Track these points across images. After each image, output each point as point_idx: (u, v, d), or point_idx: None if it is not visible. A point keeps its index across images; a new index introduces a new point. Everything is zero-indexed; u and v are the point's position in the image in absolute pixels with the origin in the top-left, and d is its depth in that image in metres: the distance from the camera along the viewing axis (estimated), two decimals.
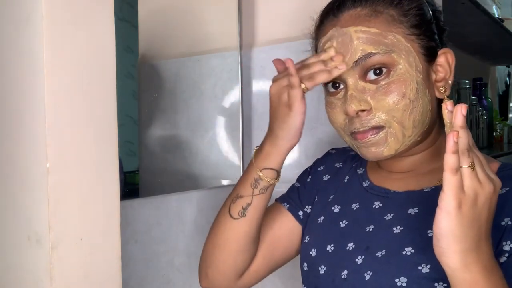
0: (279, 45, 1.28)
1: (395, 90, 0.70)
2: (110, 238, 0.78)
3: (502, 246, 0.63)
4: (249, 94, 1.33)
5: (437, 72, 0.74)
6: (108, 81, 0.77)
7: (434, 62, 0.75)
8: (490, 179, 0.57)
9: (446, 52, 0.75)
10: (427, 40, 0.74)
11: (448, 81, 0.74)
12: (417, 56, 0.72)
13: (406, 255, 0.68)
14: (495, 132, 2.62)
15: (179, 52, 1.28)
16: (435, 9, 0.77)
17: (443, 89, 0.73)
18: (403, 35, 0.72)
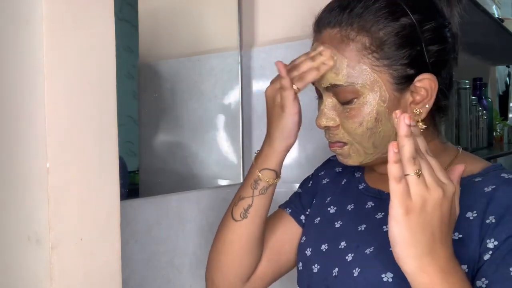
0: (279, 45, 1.28)
1: (354, 117, 0.73)
2: (110, 238, 0.78)
3: (486, 244, 0.64)
4: (249, 94, 1.33)
5: (415, 94, 0.73)
6: (108, 81, 0.77)
7: (411, 85, 0.73)
8: (440, 184, 0.58)
9: (427, 78, 0.72)
10: (403, 68, 0.71)
11: (426, 105, 0.72)
12: (384, 86, 0.72)
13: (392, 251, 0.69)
14: (495, 132, 2.62)
15: (179, 52, 1.28)
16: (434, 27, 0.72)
17: (417, 111, 0.72)
18: (371, 66, 0.71)
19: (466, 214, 0.67)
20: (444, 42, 0.74)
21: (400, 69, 0.72)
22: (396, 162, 0.57)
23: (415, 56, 0.72)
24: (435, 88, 0.72)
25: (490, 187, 0.68)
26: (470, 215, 0.67)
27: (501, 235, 0.64)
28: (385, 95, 0.72)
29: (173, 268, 1.15)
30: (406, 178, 0.57)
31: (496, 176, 0.70)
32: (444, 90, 0.76)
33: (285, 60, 1.29)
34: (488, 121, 2.32)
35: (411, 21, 0.71)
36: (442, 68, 0.74)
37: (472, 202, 0.68)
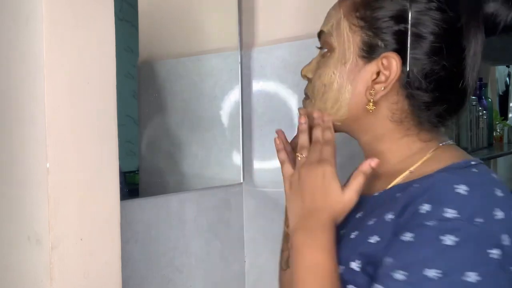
0: (279, 45, 1.28)
1: (320, 70, 0.75)
2: (110, 238, 0.78)
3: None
4: (249, 94, 1.33)
5: (380, 73, 0.70)
6: (108, 81, 0.77)
7: (377, 61, 0.70)
8: (315, 165, 0.71)
9: (390, 57, 0.69)
10: (372, 35, 0.70)
11: (382, 87, 0.70)
12: (352, 47, 0.71)
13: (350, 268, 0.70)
14: (495, 132, 2.62)
15: (179, 52, 1.28)
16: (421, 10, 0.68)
17: (373, 91, 0.70)
18: (349, 24, 0.72)
19: (388, 214, 0.66)
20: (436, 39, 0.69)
21: (371, 35, 0.70)
22: (279, 150, 0.78)
23: (393, 31, 0.69)
24: (396, 70, 0.68)
25: (414, 185, 0.66)
26: (388, 215, 0.65)
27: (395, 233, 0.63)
28: (348, 57, 0.72)
29: (173, 268, 1.15)
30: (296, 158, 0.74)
31: (434, 174, 0.66)
32: (422, 87, 0.69)
33: (285, 60, 1.29)
34: (488, 121, 2.32)
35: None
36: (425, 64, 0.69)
37: (398, 205, 0.65)
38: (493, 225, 0.59)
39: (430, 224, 0.59)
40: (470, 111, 1.92)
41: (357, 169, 0.69)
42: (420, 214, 0.61)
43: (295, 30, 1.26)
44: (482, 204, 0.60)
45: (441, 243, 0.58)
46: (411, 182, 0.67)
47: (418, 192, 0.64)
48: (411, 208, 0.62)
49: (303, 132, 0.76)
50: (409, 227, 0.61)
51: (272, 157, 1.30)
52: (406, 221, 0.62)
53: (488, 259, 0.57)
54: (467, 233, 0.58)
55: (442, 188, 0.62)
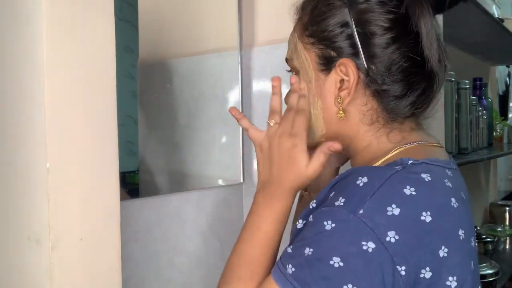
0: (279, 45, 1.28)
1: (288, 95, 0.79)
2: (110, 238, 0.78)
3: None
4: (249, 94, 1.33)
5: (343, 81, 0.72)
6: (108, 81, 0.77)
7: (334, 71, 0.72)
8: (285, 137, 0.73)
9: (343, 63, 0.71)
10: (323, 48, 0.72)
11: (346, 93, 0.71)
12: (312, 65, 0.74)
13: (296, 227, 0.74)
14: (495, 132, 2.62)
15: (179, 52, 1.28)
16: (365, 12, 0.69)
17: (340, 99, 0.72)
18: (303, 44, 0.75)
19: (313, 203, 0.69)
20: (385, 32, 0.69)
21: (323, 48, 0.73)
22: (239, 119, 0.80)
23: (340, 38, 0.71)
24: (353, 73, 0.70)
25: (335, 178, 0.69)
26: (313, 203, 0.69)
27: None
28: (311, 74, 0.75)
29: (173, 268, 1.15)
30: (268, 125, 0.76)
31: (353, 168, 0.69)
32: (386, 81, 0.70)
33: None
34: (488, 121, 2.32)
35: (342, 2, 0.71)
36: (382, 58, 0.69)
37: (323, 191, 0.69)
38: (377, 219, 0.59)
39: (323, 209, 0.63)
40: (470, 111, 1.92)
41: (319, 148, 0.72)
42: (326, 200, 0.65)
43: None
44: (373, 197, 0.60)
45: (321, 226, 0.61)
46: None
47: (335, 181, 0.67)
48: (325, 197, 0.66)
49: (276, 94, 0.78)
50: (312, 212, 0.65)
51: None
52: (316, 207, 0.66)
53: (360, 250, 0.58)
54: (344, 220, 0.60)
55: (348, 179, 0.64)
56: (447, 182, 0.66)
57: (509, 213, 2.72)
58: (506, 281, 1.99)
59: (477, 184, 2.78)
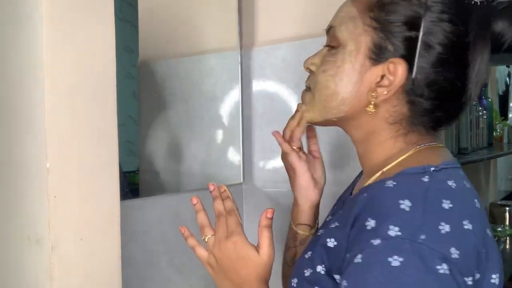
0: (279, 45, 1.28)
1: (326, 64, 0.74)
2: (110, 238, 0.78)
3: (344, 256, 0.64)
4: (249, 94, 1.33)
5: (384, 77, 0.70)
6: (108, 81, 0.77)
7: (383, 65, 0.70)
8: (223, 243, 0.75)
9: (398, 63, 0.69)
10: (383, 38, 0.70)
11: (384, 92, 0.70)
12: (363, 47, 0.71)
13: (304, 258, 0.72)
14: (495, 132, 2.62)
15: (179, 52, 1.28)
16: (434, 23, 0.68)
17: (375, 94, 0.70)
18: (363, 23, 0.71)
19: (348, 222, 0.66)
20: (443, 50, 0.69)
21: (383, 37, 0.70)
22: (188, 237, 0.80)
23: (404, 37, 0.69)
24: (401, 76, 0.69)
25: (364, 195, 0.67)
26: (347, 225, 0.65)
27: (350, 250, 0.63)
28: (357, 56, 0.71)
29: (173, 268, 1.15)
30: None
31: (383, 182, 0.66)
32: (424, 95, 0.70)
33: (285, 60, 1.29)
34: (488, 121, 2.32)
35: (420, 3, 0.69)
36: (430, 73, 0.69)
37: (353, 210, 0.66)
38: (438, 240, 0.58)
39: (375, 244, 0.59)
40: (470, 111, 1.92)
41: (259, 226, 0.73)
42: (366, 230, 0.61)
43: (295, 30, 1.26)
44: (425, 220, 0.59)
45: (387, 264, 0.57)
46: (374, 184, 0.68)
47: (365, 203, 0.64)
48: (358, 222, 0.63)
49: (199, 211, 0.79)
50: (357, 244, 0.61)
51: (272, 157, 1.30)
52: (354, 237, 0.63)
53: (437, 275, 0.57)
54: (411, 251, 0.57)
55: (386, 203, 0.62)
56: (466, 183, 0.67)
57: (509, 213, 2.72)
58: (506, 281, 1.99)
59: (477, 184, 2.78)
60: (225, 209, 0.77)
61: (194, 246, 0.79)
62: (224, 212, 0.77)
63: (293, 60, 1.25)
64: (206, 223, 0.78)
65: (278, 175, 1.25)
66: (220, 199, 0.79)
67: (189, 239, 0.80)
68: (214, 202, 0.79)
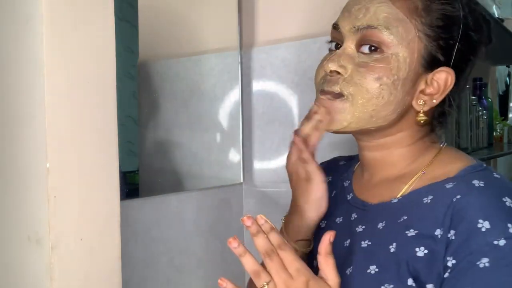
0: (279, 45, 1.28)
1: (374, 69, 0.69)
2: (110, 238, 0.78)
3: (446, 262, 0.63)
4: (249, 94, 1.33)
5: (430, 85, 0.70)
6: (108, 81, 0.77)
7: (431, 73, 0.70)
8: (288, 284, 0.61)
9: (448, 72, 0.70)
10: (435, 47, 0.70)
11: (433, 99, 0.70)
12: (415, 55, 0.69)
13: (370, 273, 0.68)
14: (495, 132, 2.62)
15: (179, 52, 1.28)
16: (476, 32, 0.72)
17: (422, 102, 0.70)
18: (415, 28, 0.69)
19: (433, 227, 0.65)
20: (475, 54, 0.73)
21: (435, 47, 0.70)
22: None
23: (448, 43, 0.70)
24: (450, 86, 0.70)
25: (457, 197, 0.65)
26: (436, 230, 0.64)
27: (459, 254, 0.62)
28: (411, 62, 0.69)
29: (173, 268, 1.15)
30: None
31: (468, 182, 0.66)
32: (453, 97, 0.73)
33: (285, 60, 1.29)
34: (488, 121, 2.31)
35: (459, 14, 0.70)
36: (463, 75, 0.73)
37: (440, 214, 0.65)
38: None
39: (501, 244, 0.59)
40: (470, 111, 1.92)
41: (321, 254, 0.63)
42: (481, 232, 0.60)
43: (295, 30, 1.26)
44: None
45: None
46: (436, 185, 0.68)
47: (465, 206, 0.63)
48: (465, 225, 0.62)
49: (245, 255, 0.64)
50: (475, 248, 0.60)
51: (272, 157, 1.30)
52: (463, 240, 0.62)
53: None
54: None
55: (492, 203, 0.62)
56: None
57: None
58: None
59: None
60: (274, 245, 0.63)
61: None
62: (274, 248, 0.63)
63: (293, 60, 1.25)
64: (259, 267, 0.64)
65: (278, 175, 1.25)
66: (263, 234, 0.63)
67: None
68: (256, 239, 0.63)
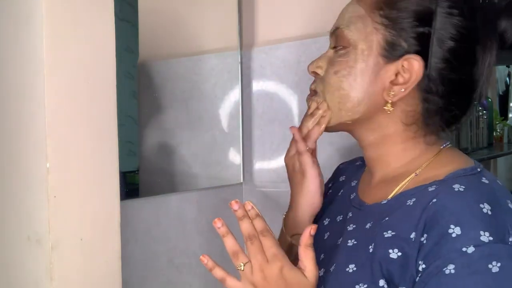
0: (279, 45, 1.28)
1: (335, 65, 0.73)
2: (110, 238, 0.78)
3: (418, 265, 0.62)
4: (249, 94, 1.33)
5: (400, 76, 0.69)
6: (108, 81, 0.77)
7: (399, 62, 0.69)
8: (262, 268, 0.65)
9: (413, 59, 0.68)
10: (395, 35, 0.69)
11: (402, 89, 0.69)
12: (375, 46, 0.70)
13: (348, 272, 0.69)
14: (495, 132, 2.62)
15: (179, 52, 1.28)
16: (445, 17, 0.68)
17: (393, 93, 0.69)
18: (373, 21, 0.70)
19: (409, 230, 0.64)
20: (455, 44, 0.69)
21: (395, 34, 0.69)
22: (213, 267, 0.70)
23: (416, 33, 0.69)
24: (417, 73, 0.68)
25: (433, 200, 0.63)
26: (412, 233, 0.63)
27: (430, 259, 0.60)
28: (369, 55, 0.70)
29: (173, 268, 1.15)
30: None
31: (449, 186, 0.64)
32: (439, 92, 0.70)
33: (285, 60, 1.29)
34: (488, 121, 2.32)
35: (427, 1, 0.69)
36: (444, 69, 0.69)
37: (416, 217, 0.64)
38: None
39: (469, 252, 0.57)
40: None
41: (301, 245, 0.66)
42: (451, 238, 0.59)
43: (295, 30, 1.26)
44: (507, 222, 0.60)
45: (488, 272, 0.56)
46: (421, 187, 0.67)
47: (439, 210, 0.62)
48: (437, 230, 0.60)
49: (226, 235, 0.69)
50: (443, 254, 0.59)
51: (272, 157, 1.30)
52: (434, 244, 0.60)
53: None
54: (507, 255, 0.57)
55: (468, 209, 0.60)
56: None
57: None
58: None
59: None
60: (257, 230, 0.67)
61: (223, 277, 0.69)
62: (256, 233, 0.67)
63: (293, 60, 1.25)
64: (239, 248, 0.68)
65: (278, 175, 1.25)
66: (248, 219, 0.68)
67: (216, 270, 0.70)
68: (241, 222, 0.68)
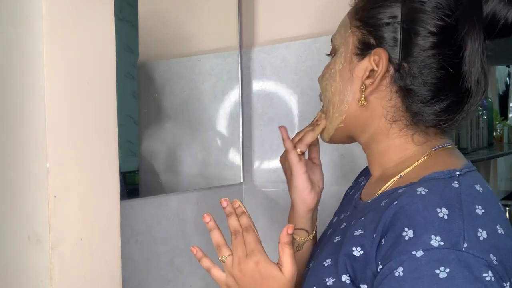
0: (279, 45, 1.28)
1: (323, 72, 0.78)
2: (110, 238, 0.78)
3: (377, 266, 0.61)
4: (249, 94, 1.33)
5: (372, 70, 0.71)
6: (108, 81, 0.77)
7: (368, 58, 0.71)
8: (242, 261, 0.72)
9: (378, 53, 0.70)
10: (366, 34, 0.72)
11: (369, 82, 0.70)
12: (349, 47, 0.74)
13: (324, 266, 0.70)
14: (495, 132, 2.62)
15: (179, 52, 1.28)
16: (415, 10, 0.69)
17: (363, 87, 0.71)
18: (351, 26, 0.74)
19: (373, 231, 0.64)
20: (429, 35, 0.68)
21: (365, 33, 0.72)
22: (201, 258, 0.78)
23: (384, 28, 0.70)
24: (381, 66, 0.69)
25: (394, 202, 0.63)
26: (375, 234, 0.63)
27: (385, 260, 0.60)
28: (346, 56, 0.74)
29: (173, 268, 1.15)
30: None
31: (413, 189, 0.63)
32: (413, 83, 0.69)
33: (285, 60, 1.29)
34: (488, 121, 2.32)
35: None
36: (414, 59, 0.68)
37: (381, 218, 0.63)
38: (480, 247, 0.57)
39: (418, 255, 0.57)
40: None
41: (279, 242, 0.71)
42: (404, 241, 0.58)
43: (295, 30, 1.26)
44: (465, 228, 0.58)
45: (435, 277, 0.55)
46: (396, 189, 0.66)
47: (396, 211, 0.61)
48: (393, 232, 0.60)
49: (213, 230, 0.77)
50: (395, 256, 0.59)
51: (272, 157, 1.30)
52: (388, 247, 0.60)
53: (485, 283, 0.55)
54: (457, 261, 0.56)
55: (424, 212, 0.59)
56: (488, 186, 0.66)
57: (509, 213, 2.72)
58: None
59: None
60: (241, 226, 0.74)
61: (209, 267, 0.76)
62: (241, 229, 0.74)
63: (293, 60, 1.25)
64: (222, 242, 0.75)
65: (278, 175, 1.25)
66: (235, 216, 0.75)
67: (203, 260, 0.77)
68: (228, 219, 0.75)
